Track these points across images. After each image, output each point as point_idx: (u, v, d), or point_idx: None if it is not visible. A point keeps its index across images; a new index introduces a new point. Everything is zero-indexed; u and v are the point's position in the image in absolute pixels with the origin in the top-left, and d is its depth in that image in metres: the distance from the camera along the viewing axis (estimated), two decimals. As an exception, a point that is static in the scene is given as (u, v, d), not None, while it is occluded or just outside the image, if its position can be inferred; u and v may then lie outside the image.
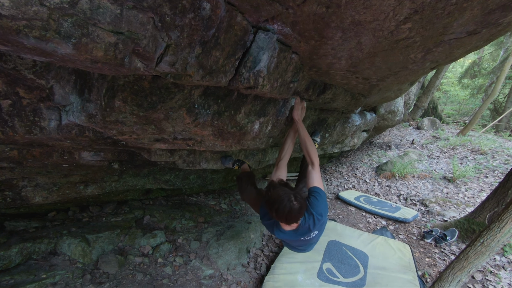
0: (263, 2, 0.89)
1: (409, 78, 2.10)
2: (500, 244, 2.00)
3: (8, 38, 0.57)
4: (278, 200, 1.51)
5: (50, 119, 1.27)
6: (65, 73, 1.15)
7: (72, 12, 0.59)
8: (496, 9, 0.90)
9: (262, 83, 1.26)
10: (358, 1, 0.88)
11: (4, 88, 1.12)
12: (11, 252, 2.37)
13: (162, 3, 0.71)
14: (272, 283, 2.54)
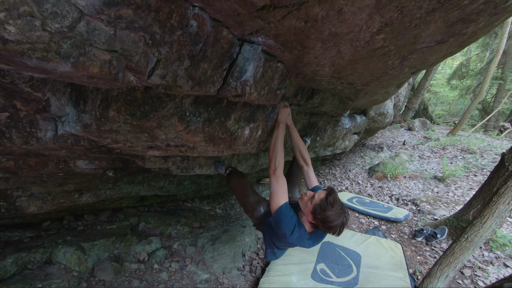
0: (246, 18, 0.97)
1: (392, 82, 2.21)
2: (483, 239, 2.10)
3: (13, 59, 0.64)
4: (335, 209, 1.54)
5: (47, 130, 1.33)
6: (60, 86, 1.21)
7: (70, 35, 0.66)
8: (457, 21, 0.99)
9: (249, 91, 1.33)
10: (333, 16, 0.97)
11: (2, 101, 1.18)
12: (6, 263, 2.39)
13: (152, 23, 0.78)
14: (267, 285, 2.59)
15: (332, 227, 1.55)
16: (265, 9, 0.91)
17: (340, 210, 1.55)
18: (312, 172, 2.02)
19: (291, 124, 2.10)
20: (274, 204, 1.64)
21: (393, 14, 0.95)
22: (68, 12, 0.63)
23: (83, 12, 0.65)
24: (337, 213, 1.53)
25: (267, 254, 2.11)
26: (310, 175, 2.00)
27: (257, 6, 0.88)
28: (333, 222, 1.53)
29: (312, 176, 2.00)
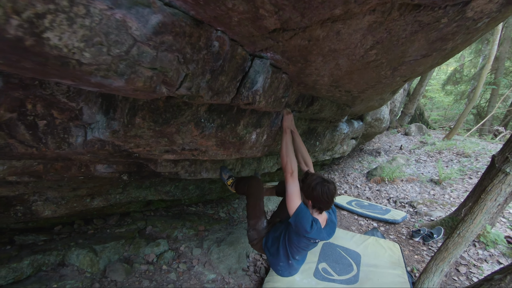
0: (259, 38, 1.16)
1: (386, 90, 2.40)
2: (474, 235, 2.27)
3: (81, 77, 0.81)
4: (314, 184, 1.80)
5: (77, 136, 1.49)
6: (93, 97, 1.39)
7: (126, 57, 0.83)
8: (437, 40, 1.18)
9: (258, 100, 1.52)
10: (332, 36, 1.16)
11: (42, 111, 1.35)
12: (23, 264, 2.51)
13: (185, 45, 0.96)
14: (272, 284, 2.73)
15: (324, 198, 1.79)
16: (276, 32, 1.10)
17: (319, 182, 1.81)
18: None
19: (294, 129, 2.27)
20: (293, 204, 1.82)
21: (383, 35, 1.14)
22: (126, 40, 0.81)
23: (136, 39, 0.83)
24: (320, 188, 1.78)
25: (280, 269, 2.24)
26: None
27: (269, 29, 1.06)
28: (322, 195, 1.77)
29: None
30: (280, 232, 2.16)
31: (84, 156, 1.69)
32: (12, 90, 1.20)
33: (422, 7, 0.93)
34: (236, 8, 0.88)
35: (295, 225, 1.83)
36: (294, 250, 2.06)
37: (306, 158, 2.23)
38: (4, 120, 1.27)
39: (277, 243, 2.15)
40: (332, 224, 2.01)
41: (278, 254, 2.15)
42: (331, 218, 2.03)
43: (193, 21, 0.93)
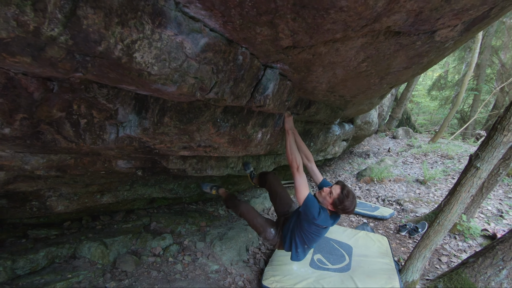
0: (273, 53, 1.45)
1: (375, 95, 2.74)
2: (451, 223, 2.61)
3: (146, 85, 1.08)
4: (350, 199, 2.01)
5: (111, 133, 1.74)
6: (127, 99, 1.64)
7: (179, 69, 1.11)
8: (414, 56, 1.50)
9: (268, 103, 1.81)
10: (332, 52, 1.46)
11: (84, 111, 1.59)
12: (38, 256, 2.70)
13: (219, 59, 1.24)
14: (271, 273, 3.00)
15: (350, 211, 2.06)
16: (288, 48, 1.39)
17: (352, 198, 2.03)
18: (315, 167, 2.47)
19: (294, 130, 2.55)
20: (301, 195, 2.06)
21: (372, 51, 1.45)
22: (181, 57, 1.08)
23: (188, 56, 1.10)
24: (351, 201, 2.02)
25: (298, 255, 2.44)
26: (314, 171, 2.47)
27: (283, 47, 1.35)
28: (350, 208, 2.02)
29: (316, 171, 2.46)
30: (292, 223, 2.36)
31: (112, 151, 1.93)
32: (64, 93, 1.45)
33: (401, 33, 1.24)
34: (262, 32, 1.17)
35: (304, 213, 2.07)
36: (308, 236, 2.25)
37: (308, 154, 2.50)
38: (55, 119, 1.51)
39: (291, 233, 2.36)
40: (336, 216, 2.24)
41: (295, 242, 2.34)
42: None
43: (227, 41, 1.21)
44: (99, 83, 1.46)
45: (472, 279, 2.47)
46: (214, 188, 3.25)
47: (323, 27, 1.13)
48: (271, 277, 2.92)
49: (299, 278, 2.94)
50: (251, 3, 0.94)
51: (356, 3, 0.91)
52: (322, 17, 1.03)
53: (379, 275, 2.95)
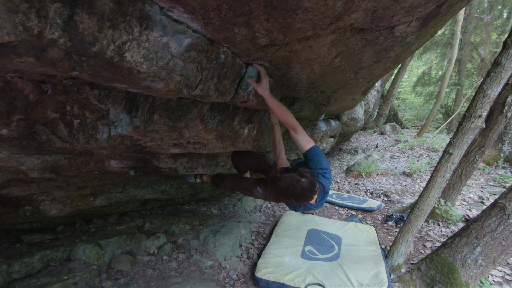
0: (253, 51, 1.58)
1: (354, 90, 2.91)
2: (430, 207, 2.79)
3: (136, 82, 1.20)
4: (288, 187, 1.67)
5: (103, 132, 1.84)
6: (118, 99, 1.75)
7: (166, 67, 1.23)
8: (381, 51, 1.66)
9: (251, 99, 1.94)
10: (307, 49, 1.61)
11: (77, 112, 1.69)
12: (33, 259, 2.75)
13: (203, 58, 1.37)
14: (264, 265, 3.12)
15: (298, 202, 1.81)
16: (266, 47, 1.53)
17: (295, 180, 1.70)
18: (300, 136, 2.00)
19: (269, 96, 1.98)
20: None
21: (343, 47, 1.61)
22: (167, 56, 1.21)
23: (173, 55, 1.23)
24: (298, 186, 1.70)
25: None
26: (298, 141, 2.00)
27: (261, 45, 1.49)
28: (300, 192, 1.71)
29: (300, 141, 1.99)
30: None
31: (105, 150, 2.03)
32: (57, 95, 1.55)
33: (365, 30, 1.39)
34: (240, 32, 1.30)
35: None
36: None
37: (289, 119, 2.02)
38: (50, 120, 1.61)
39: None
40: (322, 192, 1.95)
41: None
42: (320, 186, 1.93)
43: (209, 41, 1.35)
44: (91, 84, 1.57)
45: (450, 258, 2.65)
46: (198, 177, 3.23)
47: (294, 26, 1.27)
48: (264, 269, 3.03)
49: (291, 268, 3.06)
50: (227, 6, 1.08)
51: (317, 4, 1.05)
52: (291, 17, 1.17)
53: (366, 261, 3.10)
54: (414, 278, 2.86)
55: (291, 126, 1.99)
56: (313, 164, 1.90)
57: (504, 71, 2.19)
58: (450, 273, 2.65)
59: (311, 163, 1.91)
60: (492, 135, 3.55)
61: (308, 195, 1.72)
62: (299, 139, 1.98)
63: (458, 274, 2.61)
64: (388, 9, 1.15)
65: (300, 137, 1.98)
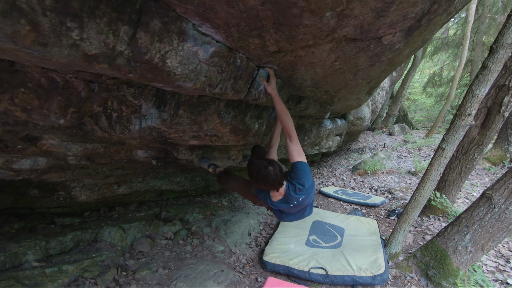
0: (263, 56, 1.91)
1: (356, 90, 3.21)
2: (425, 198, 3.06)
3: (171, 82, 1.54)
4: (256, 170, 1.91)
5: (135, 124, 2.20)
6: (149, 96, 2.10)
7: (195, 70, 1.57)
8: (373, 56, 1.96)
9: (262, 97, 2.27)
10: (310, 54, 1.92)
11: (116, 106, 2.05)
12: (67, 238, 3.14)
13: (223, 62, 1.71)
14: (271, 250, 3.44)
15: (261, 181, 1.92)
16: (275, 53, 1.85)
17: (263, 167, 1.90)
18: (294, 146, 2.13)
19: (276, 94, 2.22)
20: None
21: (340, 53, 1.92)
22: (195, 61, 1.54)
23: (200, 60, 1.56)
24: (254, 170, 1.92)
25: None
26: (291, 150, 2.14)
27: (271, 52, 1.82)
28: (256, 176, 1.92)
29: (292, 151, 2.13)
30: None
31: (135, 140, 2.39)
32: (102, 92, 1.91)
33: (357, 40, 1.69)
34: (253, 42, 1.63)
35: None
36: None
37: (287, 124, 2.20)
38: (95, 112, 1.98)
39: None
40: (290, 197, 2.09)
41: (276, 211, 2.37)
42: (289, 192, 2.09)
43: (228, 49, 1.68)
44: (128, 83, 1.93)
45: (443, 246, 2.92)
46: (211, 167, 3.18)
47: (298, 37, 1.59)
48: (271, 254, 3.35)
49: (296, 254, 3.37)
50: (245, 23, 1.40)
51: (315, 22, 1.37)
52: (295, 30, 1.49)
53: (366, 249, 3.39)
54: (410, 264, 3.13)
55: (288, 132, 2.15)
56: (294, 175, 2.06)
57: (490, 74, 2.46)
58: (443, 259, 2.91)
59: (293, 174, 2.07)
60: (490, 134, 3.78)
61: (270, 182, 1.90)
62: (292, 149, 2.12)
63: (450, 260, 2.87)
64: (372, 24, 1.46)
65: (293, 147, 2.12)
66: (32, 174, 2.59)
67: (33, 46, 0.92)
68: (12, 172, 2.45)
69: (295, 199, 2.09)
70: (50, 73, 1.61)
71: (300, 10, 1.26)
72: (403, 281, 3.02)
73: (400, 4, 1.27)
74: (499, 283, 3.04)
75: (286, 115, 2.17)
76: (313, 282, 3.04)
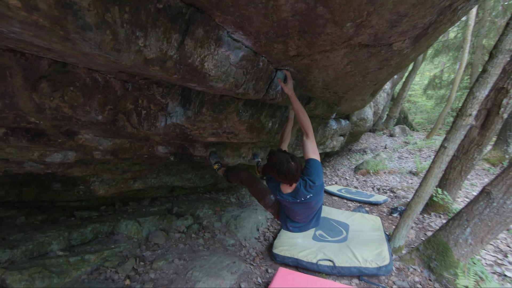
0: (283, 59, 2.11)
1: (362, 91, 3.42)
2: (428, 194, 3.27)
3: (205, 83, 1.73)
4: (278, 162, 1.98)
5: (161, 121, 2.39)
6: (176, 95, 2.30)
7: (226, 72, 1.77)
8: (383, 60, 2.17)
9: (278, 97, 2.47)
10: (325, 58, 2.13)
11: (145, 104, 2.24)
12: (87, 230, 3.32)
13: (248, 65, 1.91)
14: (280, 244, 3.64)
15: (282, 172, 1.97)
16: (294, 57, 2.06)
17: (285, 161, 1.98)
18: (310, 143, 2.23)
19: (293, 94, 2.38)
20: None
21: (353, 57, 2.12)
22: (226, 64, 1.74)
23: (231, 63, 1.76)
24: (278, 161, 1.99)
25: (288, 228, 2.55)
26: (306, 147, 2.23)
27: (290, 56, 2.02)
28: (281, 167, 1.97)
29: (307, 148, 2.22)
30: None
31: (158, 136, 2.58)
32: (134, 91, 2.11)
33: (369, 46, 1.90)
34: (277, 47, 1.83)
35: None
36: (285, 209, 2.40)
37: (305, 122, 2.31)
38: (127, 110, 2.17)
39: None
40: (300, 192, 2.14)
41: (282, 218, 2.52)
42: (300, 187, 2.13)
43: (254, 53, 1.88)
44: (157, 83, 2.12)
45: (445, 239, 3.12)
46: (217, 164, 3.19)
47: (317, 43, 1.79)
48: (280, 247, 3.55)
49: (304, 247, 3.57)
50: (273, 31, 1.60)
51: (336, 30, 1.57)
52: (316, 38, 1.69)
53: (371, 243, 3.59)
54: (413, 257, 3.33)
55: (305, 130, 2.25)
56: (306, 171, 2.14)
57: (490, 77, 2.67)
58: (444, 252, 3.12)
59: (306, 170, 2.15)
60: (490, 134, 4.00)
61: (289, 176, 1.99)
62: (309, 145, 2.20)
63: (452, 252, 3.07)
64: (386, 33, 1.66)
65: (310, 144, 2.21)
66: (60, 168, 2.78)
67: (111, 52, 1.11)
68: (43, 166, 2.64)
69: (304, 195, 2.13)
70: (94, 73, 1.80)
71: (325, 21, 1.46)
72: (406, 272, 3.22)
73: (412, 16, 1.48)
74: (497, 275, 3.24)
75: (304, 114, 2.31)
76: (321, 273, 3.23)
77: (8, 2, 0.77)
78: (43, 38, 0.96)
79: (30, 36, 0.95)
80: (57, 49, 1.10)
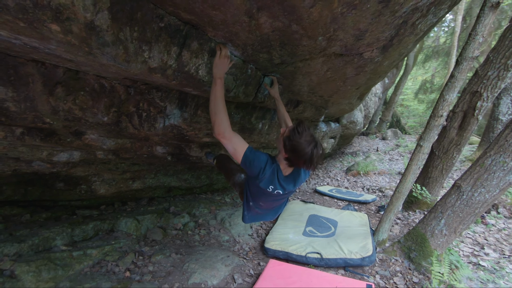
0: (269, 67, 2.41)
1: (347, 95, 3.73)
2: (407, 190, 3.56)
3: (200, 87, 2.02)
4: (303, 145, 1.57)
5: (160, 122, 2.66)
6: (173, 99, 2.57)
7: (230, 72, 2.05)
8: (358, 67, 2.47)
9: (266, 100, 2.76)
10: (307, 66, 2.43)
11: (146, 107, 2.51)
12: (88, 227, 3.56)
13: (238, 72, 2.20)
14: (272, 239, 3.90)
15: (302, 155, 1.59)
16: (278, 64, 2.35)
17: (310, 138, 1.60)
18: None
19: (278, 97, 2.50)
20: (240, 156, 1.74)
21: (331, 65, 2.42)
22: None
23: (222, 71, 2.05)
24: (307, 141, 1.58)
25: (243, 216, 2.31)
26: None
27: (275, 63, 2.31)
28: (303, 150, 1.57)
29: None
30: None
31: (157, 137, 2.85)
32: (136, 95, 2.38)
33: (343, 55, 2.20)
34: (262, 56, 2.13)
35: (248, 170, 1.81)
36: (252, 197, 2.10)
37: (287, 121, 2.34)
38: (130, 112, 2.44)
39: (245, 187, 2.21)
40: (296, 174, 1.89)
41: (246, 197, 2.18)
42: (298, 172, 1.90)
43: (242, 61, 2.17)
44: (156, 88, 2.40)
45: (423, 231, 3.41)
46: (215, 159, 3.09)
47: (297, 53, 2.09)
48: (272, 242, 3.81)
49: (294, 242, 3.84)
50: (258, 43, 1.90)
51: (311, 43, 1.87)
52: (296, 48, 1.99)
53: (357, 237, 3.87)
54: (395, 249, 3.61)
55: (286, 123, 2.35)
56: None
57: (457, 81, 3.00)
58: (422, 243, 3.40)
59: None
60: (467, 135, 4.32)
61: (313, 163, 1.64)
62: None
63: (429, 243, 3.36)
64: (354, 44, 1.96)
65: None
66: (65, 167, 3.04)
67: (123, 63, 1.39)
68: (49, 165, 2.89)
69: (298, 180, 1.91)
70: (101, 79, 2.08)
71: (300, 36, 1.76)
72: (388, 263, 3.50)
73: (372, 31, 1.78)
74: (472, 264, 3.53)
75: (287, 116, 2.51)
76: (309, 265, 3.49)
77: (51, 28, 1.04)
78: (72, 52, 1.23)
79: (61, 51, 1.22)
80: (79, 60, 1.38)
